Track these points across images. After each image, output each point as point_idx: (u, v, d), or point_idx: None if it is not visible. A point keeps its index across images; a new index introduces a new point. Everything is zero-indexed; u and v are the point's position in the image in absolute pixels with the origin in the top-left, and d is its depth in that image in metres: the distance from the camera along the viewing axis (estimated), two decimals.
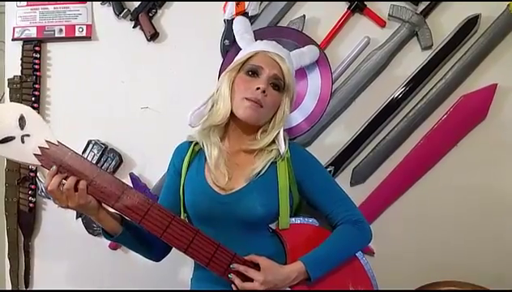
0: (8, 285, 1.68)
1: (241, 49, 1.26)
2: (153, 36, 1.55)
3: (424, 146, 1.47)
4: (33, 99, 1.60)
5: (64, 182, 0.96)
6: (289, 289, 1.05)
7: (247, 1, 1.45)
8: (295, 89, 1.18)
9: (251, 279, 1.01)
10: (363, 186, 1.51)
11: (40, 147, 0.96)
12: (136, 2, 1.56)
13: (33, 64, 1.60)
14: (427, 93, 1.46)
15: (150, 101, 1.58)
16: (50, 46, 1.63)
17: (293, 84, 1.16)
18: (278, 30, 1.46)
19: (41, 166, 0.97)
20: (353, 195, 1.18)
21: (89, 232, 1.61)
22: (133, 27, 1.57)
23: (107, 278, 1.64)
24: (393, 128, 1.48)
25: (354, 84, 1.47)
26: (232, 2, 1.46)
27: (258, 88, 1.07)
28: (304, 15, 1.48)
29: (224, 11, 1.49)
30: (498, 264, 1.45)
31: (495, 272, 1.43)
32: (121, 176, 1.55)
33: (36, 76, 1.61)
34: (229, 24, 1.44)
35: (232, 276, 1.02)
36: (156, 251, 1.16)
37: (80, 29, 1.59)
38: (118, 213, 1.03)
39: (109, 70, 1.60)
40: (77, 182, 0.96)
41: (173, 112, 1.49)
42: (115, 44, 1.60)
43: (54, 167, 0.96)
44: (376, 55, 1.45)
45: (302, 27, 1.47)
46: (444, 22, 1.45)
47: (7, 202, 1.64)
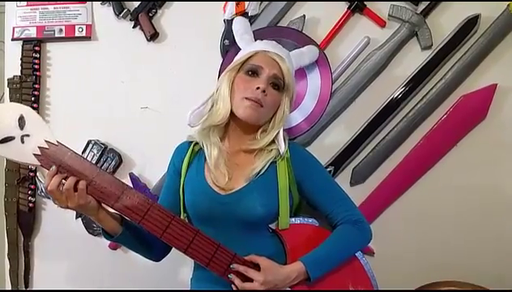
0: (8, 285, 1.68)
1: (241, 49, 1.26)
2: (153, 36, 1.55)
3: (423, 146, 1.47)
4: (33, 99, 1.60)
5: (64, 183, 0.96)
6: (289, 289, 1.05)
7: (247, 1, 1.45)
8: (295, 89, 1.18)
9: (251, 279, 1.01)
10: (363, 186, 1.51)
11: (39, 147, 0.96)
12: (136, 2, 1.56)
13: (33, 64, 1.60)
14: (427, 93, 1.46)
15: (150, 101, 1.57)
16: (50, 46, 1.63)
17: (293, 84, 1.16)
18: (278, 30, 1.45)
19: (41, 166, 0.97)
20: (353, 195, 1.18)
21: (89, 232, 1.61)
22: (133, 27, 1.57)
23: (107, 278, 1.63)
24: (393, 128, 1.48)
25: (354, 84, 1.47)
26: (232, 2, 1.46)
27: (258, 88, 1.07)
28: (304, 15, 1.48)
29: (224, 11, 1.48)
30: (498, 264, 1.45)
31: (495, 272, 1.43)
32: (120, 176, 1.54)
33: (36, 76, 1.60)
34: (229, 24, 1.44)
35: (232, 276, 1.02)
36: (156, 251, 1.16)
37: (80, 29, 1.59)
38: (118, 213, 1.03)
39: (109, 70, 1.60)
40: (77, 183, 0.96)
41: (173, 112, 1.48)
42: (115, 44, 1.59)
43: (54, 167, 0.96)
44: (376, 55, 1.45)
45: (302, 27, 1.47)
46: (444, 22, 1.45)
47: (7, 202, 1.64)
